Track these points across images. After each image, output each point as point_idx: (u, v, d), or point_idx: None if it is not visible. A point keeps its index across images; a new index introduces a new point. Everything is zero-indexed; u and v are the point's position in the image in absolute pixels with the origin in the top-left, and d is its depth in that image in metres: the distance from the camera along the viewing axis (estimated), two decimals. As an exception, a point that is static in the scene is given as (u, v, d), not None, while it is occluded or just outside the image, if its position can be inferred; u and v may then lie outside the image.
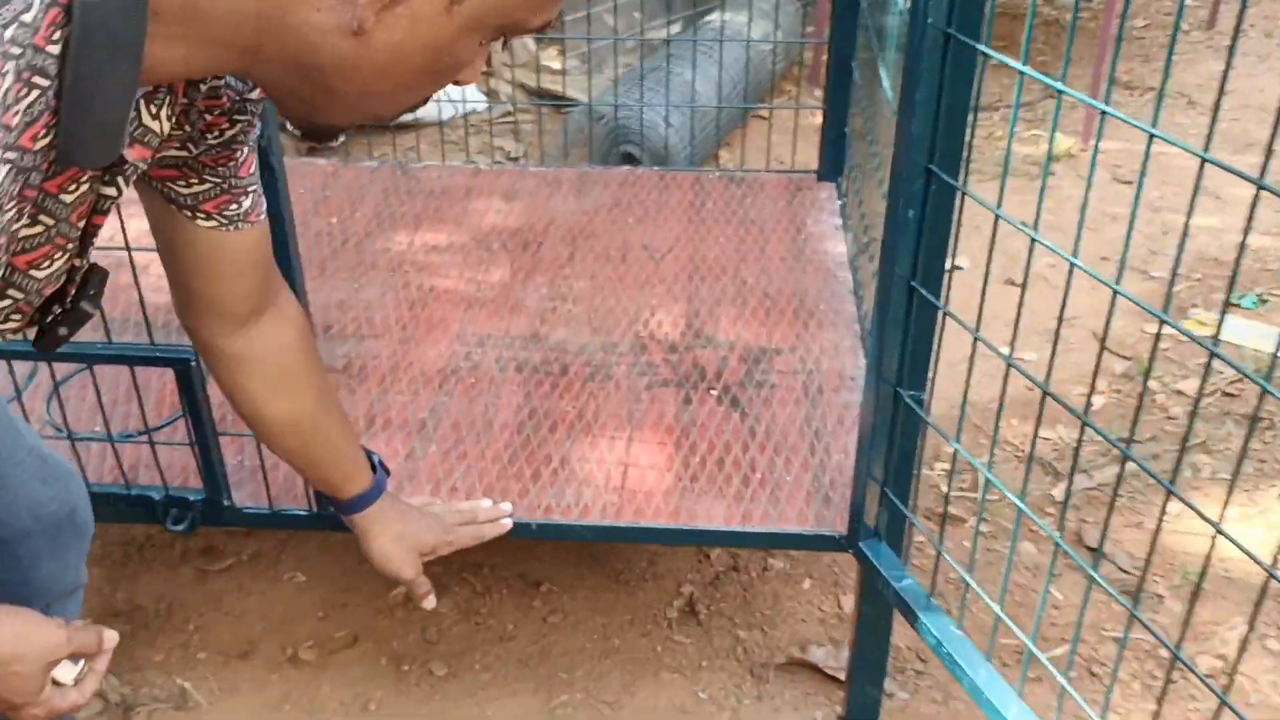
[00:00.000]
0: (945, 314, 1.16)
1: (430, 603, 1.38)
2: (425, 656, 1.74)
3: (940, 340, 1.21)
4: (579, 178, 2.30)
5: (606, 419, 1.62)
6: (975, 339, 1.12)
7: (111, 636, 0.95)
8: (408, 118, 3.44)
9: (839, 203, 2.19)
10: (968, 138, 1.06)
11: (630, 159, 2.88)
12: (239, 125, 0.95)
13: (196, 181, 0.97)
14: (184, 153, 0.95)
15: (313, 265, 1.99)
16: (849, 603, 1.84)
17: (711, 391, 1.67)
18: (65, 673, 0.88)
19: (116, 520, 1.80)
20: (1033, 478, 2.09)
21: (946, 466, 2.13)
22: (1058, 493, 2.07)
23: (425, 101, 0.81)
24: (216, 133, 0.94)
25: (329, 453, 1.26)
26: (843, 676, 1.70)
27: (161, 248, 1.06)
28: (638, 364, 1.74)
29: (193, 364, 1.33)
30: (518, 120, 2.70)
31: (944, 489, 2.06)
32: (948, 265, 1.17)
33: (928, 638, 1.26)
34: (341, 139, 3.00)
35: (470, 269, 1.98)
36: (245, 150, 0.99)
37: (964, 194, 1.07)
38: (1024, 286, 1.05)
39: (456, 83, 0.81)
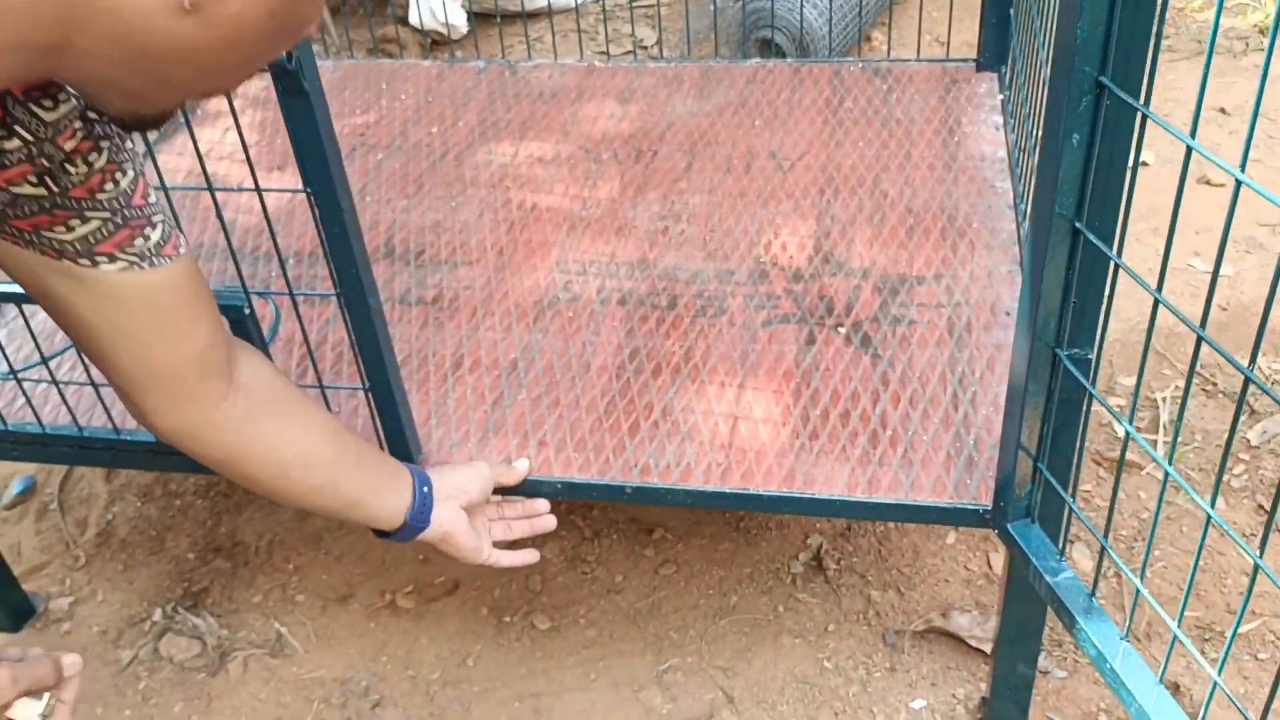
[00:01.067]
0: (1119, 267, 0.92)
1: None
2: (528, 608, 1.63)
3: (1112, 294, 0.97)
4: (702, 74, 2.06)
5: (717, 362, 1.43)
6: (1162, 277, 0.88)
7: (73, 662, 0.83)
8: (539, 3, 3.23)
9: (1000, 97, 1.90)
10: (1158, 9, 0.81)
11: (767, 46, 2.61)
12: (104, 150, 0.80)
13: (78, 222, 0.81)
14: (43, 190, 0.79)
15: (409, 182, 1.84)
16: (999, 561, 1.63)
17: (839, 329, 1.46)
18: (26, 711, 0.77)
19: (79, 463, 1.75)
20: (1221, 418, 1.81)
21: (1122, 402, 1.87)
22: (1254, 435, 1.78)
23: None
24: (81, 162, 0.79)
25: (372, 474, 1.15)
26: (988, 649, 1.50)
27: (76, 328, 0.89)
28: (756, 295, 1.53)
29: (247, 311, 1.21)
30: (658, 3, 2.46)
31: (1118, 430, 1.81)
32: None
33: (1088, 648, 1.05)
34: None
35: (576, 184, 1.80)
36: (128, 174, 0.83)
37: (1146, 116, 0.82)
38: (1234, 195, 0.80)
39: (301, 37, 0.69)
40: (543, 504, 1.32)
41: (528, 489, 1.31)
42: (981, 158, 1.78)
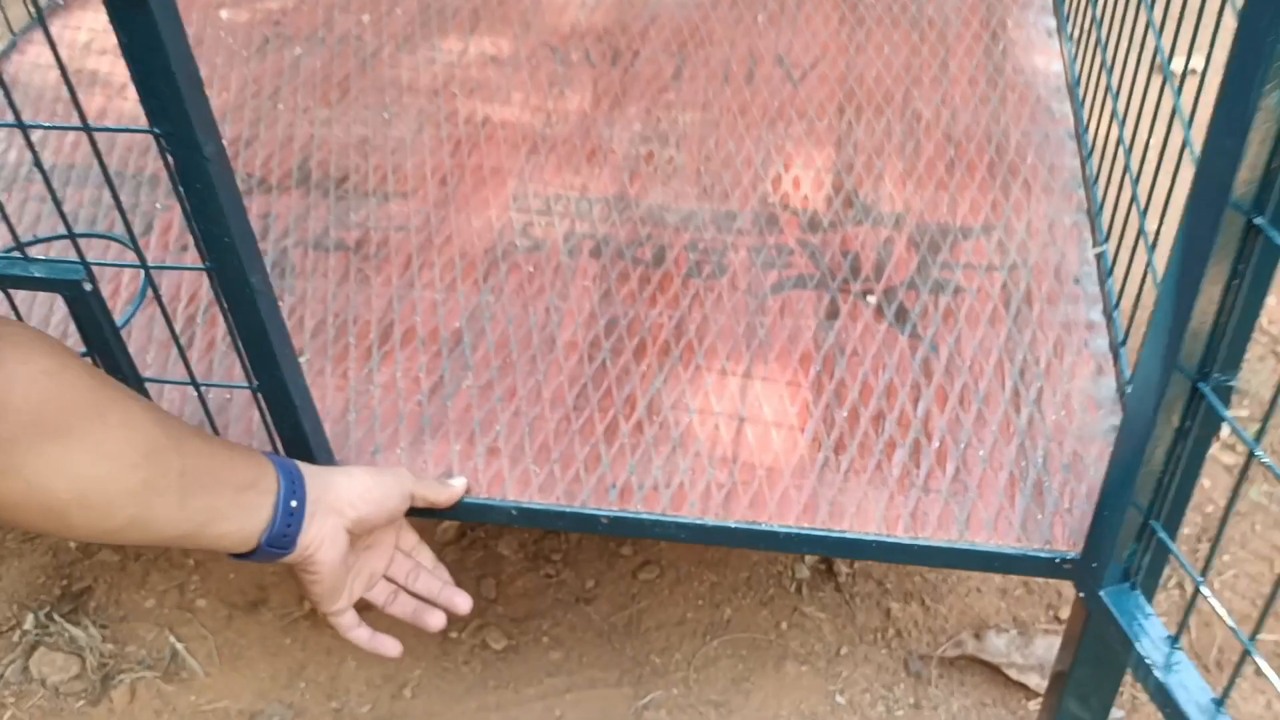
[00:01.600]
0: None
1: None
2: (479, 620, 1.35)
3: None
4: (692, -44, 1.71)
5: (716, 339, 1.13)
6: None
7: None
8: None
9: (1054, -7, 1.57)
10: None
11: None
12: None
13: None
14: None
15: (332, 85, 1.49)
16: (1041, 566, 1.36)
17: (868, 298, 1.16)
18: None
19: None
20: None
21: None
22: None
23: None
24: None
25: (208, 496, 0.84)
26: (1031, 682, 1.25)
27: None
28: (763, 248, 1.22)
29: (88, 287, 0.89)
30: None
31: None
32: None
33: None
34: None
35: (539, 92, 1.46)
36: None
37: None
38: None
39: None
40: (464, 601, 1.04)
41: (473, 513, 1.01)
42: (1033, 71, 1.45)
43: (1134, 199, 1.08)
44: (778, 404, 1.06)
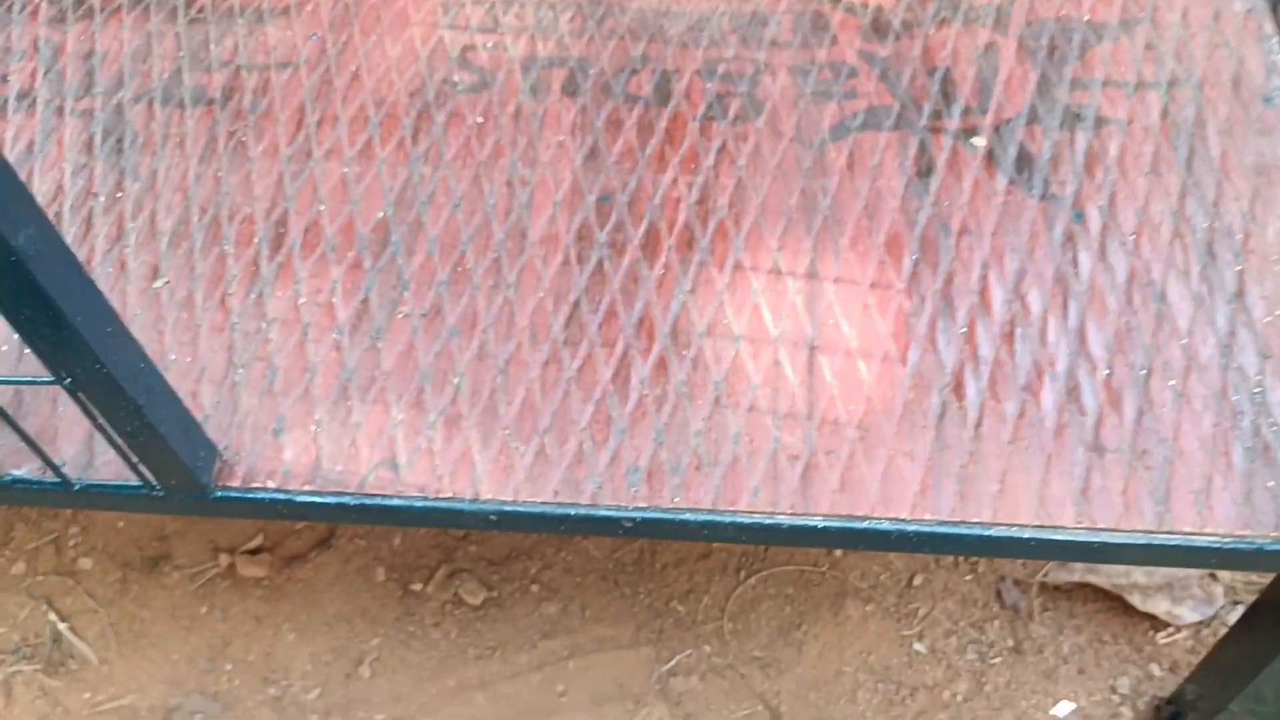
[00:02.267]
0: None
1: None
2: (449, 566, 1.05)
3: None
4: None
5: (759, 218, 0.78)
6: None
7: None
8: None
9: None
10: None
11: None
12: None
13: None
14: None
15: None
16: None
17: (973, 140, 0.81)
18: None
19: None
20: None
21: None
22: None
23: None
24: None
25: None
26: (1161, 610, 0.99)
27: None
28: (811, 68, 0.85)
29: None
30: None
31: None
32: None
33: None
34: None
35: None
36: None
37: None
38: None
39: None
40: None
41: (432, 518, 0.69)
42: None
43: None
44: (861, 319, 0.73)
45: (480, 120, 0.84)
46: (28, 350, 0.73)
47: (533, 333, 0.73)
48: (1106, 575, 1.00)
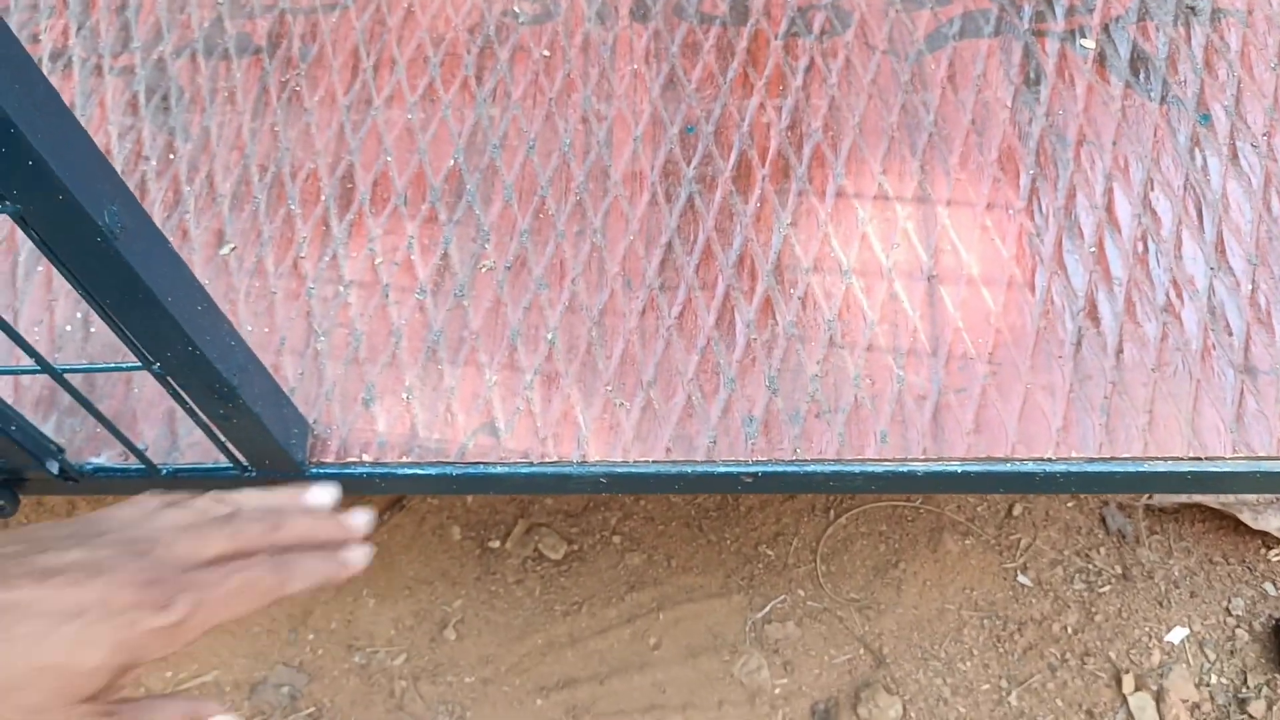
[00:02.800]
0: None
1: None
2: (527, 521, 1.02)
3: None
4: None
5: (859, 139, 0.72)
6: None
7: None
8: None
9: None
10: None
11: None
12: None
13: None
14: None
15: None
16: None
17: (1081, 43, 0.75)
18: None
19: None
20: None
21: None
22: None
23: None
24: None
25: None
26: (1274, 526, 0.95)
27: None
28: (899, -24, 0.79)
29: None
30: None
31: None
32: None
33: None
34: None
35: None
36: None
37: None
38: None
39: None
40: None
41: (533, 485, 0.65)
42: None
43: None
44: (981, 243, 0.68)
45: (547, 54, 0.78)
46: (94, 328, 0.69)
47: (626, 279, 0.68)
48: (1215, 494, 0.96)
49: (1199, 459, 0.60)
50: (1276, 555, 0.95)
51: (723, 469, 0.62)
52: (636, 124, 0.74)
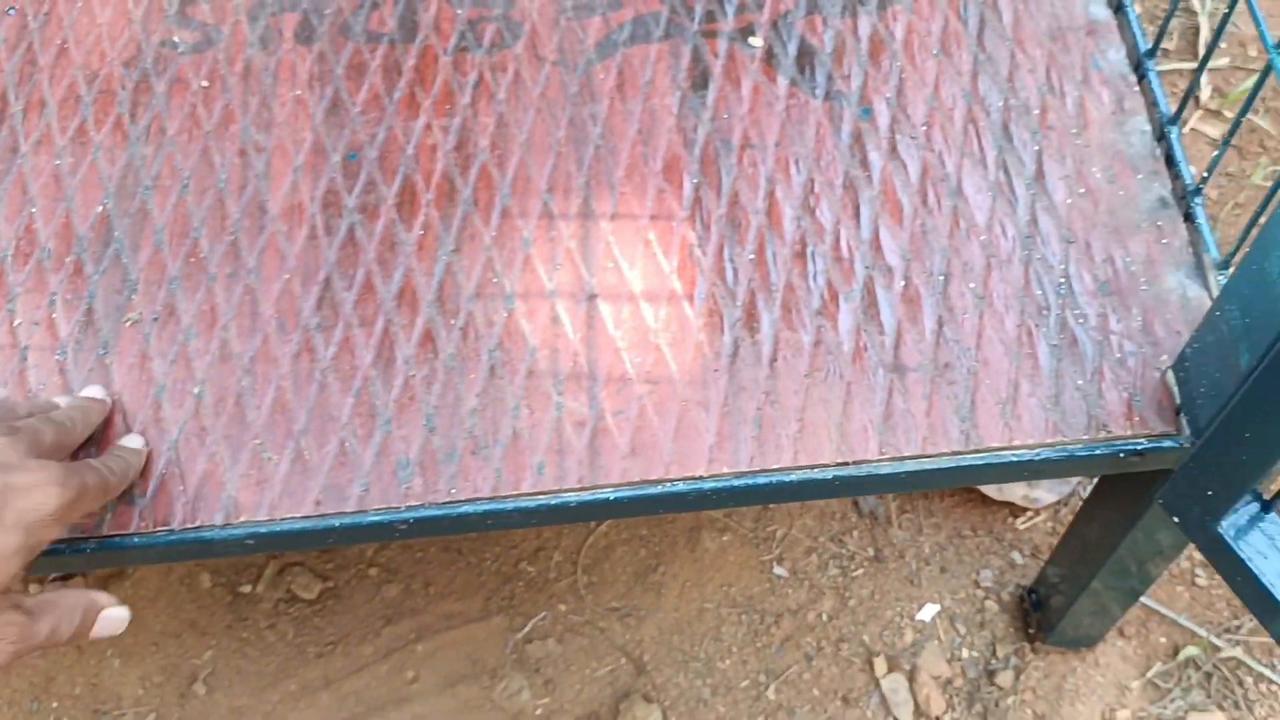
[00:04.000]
0: None
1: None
2: (277, 562, 0.98)
3: None
4: None
5: (526, 156, 0.70)
6: None
7: None
8: None
9: None
10: None
11: None
12: None
13: None
14: None
15: None
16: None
17: (750, 41, 0.74)
18: None
19: None
20: None
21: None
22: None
23: None
24: None
25: None
26: (1018, 497, 0.96)
27: None
28: (569, -20, 0.77)
29: None
30: None
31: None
32: None
33: None
34: None
35: None
36: None
37: None
38: None
39: None
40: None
41: (165, 554, 0.61)
42: None
43: None
44: (643, 257, 0.66)
45: (206, 84, 0.74)
46: None
47: (280, 322, 0.65)
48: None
49: (845, 464, 0.59)
50: (1023, 523, 0.96)
51: (373, 518, 0.60)
52: (297, 153, 0.71)
